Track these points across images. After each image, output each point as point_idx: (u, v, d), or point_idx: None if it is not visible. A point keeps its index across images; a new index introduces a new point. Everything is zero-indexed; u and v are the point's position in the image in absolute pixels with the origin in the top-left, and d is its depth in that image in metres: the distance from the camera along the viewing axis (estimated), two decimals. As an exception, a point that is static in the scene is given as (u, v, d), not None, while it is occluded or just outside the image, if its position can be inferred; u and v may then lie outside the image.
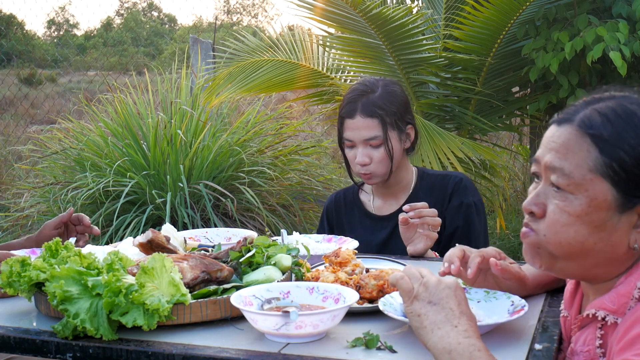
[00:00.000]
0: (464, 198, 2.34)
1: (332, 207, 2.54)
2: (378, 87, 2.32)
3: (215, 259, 1.64)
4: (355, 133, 2.29)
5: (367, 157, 2.28)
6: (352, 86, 2.37)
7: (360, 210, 2.47)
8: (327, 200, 2.60)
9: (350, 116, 2.29)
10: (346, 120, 2.31)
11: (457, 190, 2.35)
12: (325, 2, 4.19)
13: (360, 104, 2.28)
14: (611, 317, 1.25)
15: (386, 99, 2.29)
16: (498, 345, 1.34)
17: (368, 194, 2.50)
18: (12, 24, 21.52)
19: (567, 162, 1.23)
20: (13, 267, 1.50)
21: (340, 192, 2.57)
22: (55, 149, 5.00)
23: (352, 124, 2.29)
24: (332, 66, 4.87)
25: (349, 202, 2.52)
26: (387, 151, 2.28)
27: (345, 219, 2.50)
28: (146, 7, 39.68)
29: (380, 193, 2.45)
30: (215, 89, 4.62)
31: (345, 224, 2.48)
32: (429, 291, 1.27)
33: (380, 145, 2.28)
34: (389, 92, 2.32)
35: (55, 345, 1.39)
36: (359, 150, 2.30)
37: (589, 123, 1.23)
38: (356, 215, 2.48)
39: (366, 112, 2.27)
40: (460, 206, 2.34)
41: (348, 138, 2.31)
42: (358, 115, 2.27)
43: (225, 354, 1.32)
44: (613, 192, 1.21)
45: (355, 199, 2.51)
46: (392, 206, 2.41)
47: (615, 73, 3.86)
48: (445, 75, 4.47)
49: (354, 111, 2.29)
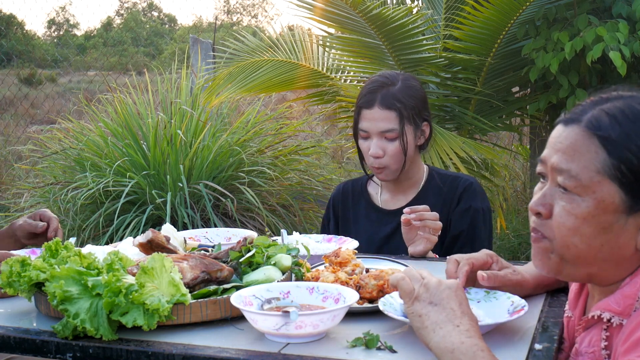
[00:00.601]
0: (472, 202, 2.33)
1: (338, 197, 2.53)
2: (398, 80, 2.31)
3: (215, 259, 1.64)
4: (371, 124, 2.28)
5: (381, 150, 2.27)
6: (372, 77, 2.37)
7: (367, 202, 2.47)
8: (334, 190, 2.59)
9: (369, 106, 2.28)
10: (363, 110, 2.30)
11: (466, 194, 2.34)
12: (325, 2, 4.19)
13: (380, 95, 2.27)
14: (616, 319, 1.24)
15: (405, 93, 2.29)
16: (498, 345, 1.34)
17: (377, 186, 2.49)
18: (12, 24, 21.53)
19: (574, 163, 1.22)
20: (13, 267, 1.50)
21: (349, 183, 2.56)
22: (55, 149, 5.00)
23: (370, 115, 2.28)
24: (332, 66, 4.87)
25: (356, 193, 2.51)
26: (402, 145, 2.27)
27: (351, 209, 2.49)
28: (146, 7, 39.69)
29: (390, 187, 2.44)
30: (215, 89, 4.62)
31: (351, 215, 2.48)
32: (429, 292, 1.27)
33: (395, 138, 2.27)
34: (409, 87, 2.31)
35: (55, 345, 1.39)
36: (373, 141, 2.29)
37: (597, 124, 1.22)
38: (362, 206, 2.47)
39: (385, 104, 2.26)
40: (467, 210, 2.32)
41: (364, 129, 2.30)
42: (376, 106, 2.27)
43: (225, 354, 1.32)
44: (621, 194, 1.20)
45: (363, 191, 2.50)
46: (400, 201, 2.40)
47: (615, 73, 3.86)
48: (445, 75, 4.47)
49: (372, 102, 2.28)
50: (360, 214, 2.46)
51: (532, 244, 1.31)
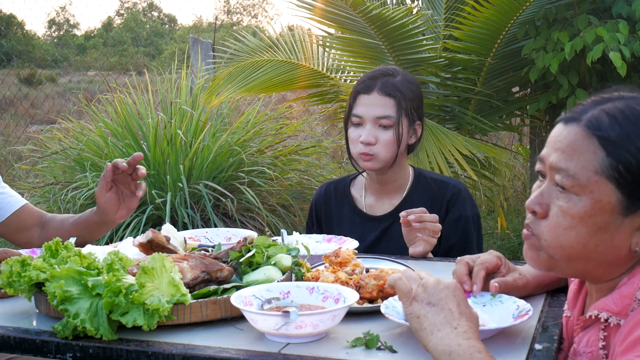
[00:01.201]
0: (462, 211, 2.29)
1: (321, 200, 2.45)
2: (399, 73, 2.30)
3: (215, 259, 1.64)
4: (367, 109, 2.23)
5: (373, 137, 2.22)
6: (372, 69, 2.35)
7: (351, 206, 2.39)
8: (316, 192, 2.50)
9: (367, 92, 2.25)
10: (361, 95, 2.26)
11: (455, 202, 2.29)
12: (325, 2, 4.19)
13: (380, 82, 2.24)
14: (614, 319, 1.24)
15: (405, 86, 2.26)
16: (498, 345, 1.34)
17: (360, 188, 2.41)
18: (12, 24, 21.53)
19: (573, 163, 1.22)
20: (13, 267, 1.50)
21: (331, 184, 2.48)
22: (55, 149, 5.00)
23: (367, 100, 2.24)
24: (332, 66, 4.87)
25: (339, 195, 2.43)
26: (396, 135, 2.23)
27: (334, 213, 2.41)
28: (146, 7, 39.70)
29: (374, 190, 2.37)
30: (215, 89, 4.61)
31: (334, 219, 2.40)
32: (427, 292, 1.26)
33: (390, 126, 2.22)
34: (409, 81, 2.30)
35: (55, 345, 1.39)
36: (366, 128, 2.23)
37: (597, 124, 1.22)
38: (346, 210, 2.39)
39: (384, 91, 2.23)
40: (458, 220, 2.28)
41: (358, 114, 2.25)
42: (376, 91, 2.24)
43: (225, 354, 1.32)
44: (618, 194, 1.20)
45: (346, 193, 2.42)
46: (385, 206, 2.35)
47: (615, 73, 3.86)
48: (445, 76, 4.47)
49: (372, 87, 2.24)
50: (344, 218, 2.39)
51: (524, 239, 1.32)
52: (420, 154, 3.69)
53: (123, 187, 2.09)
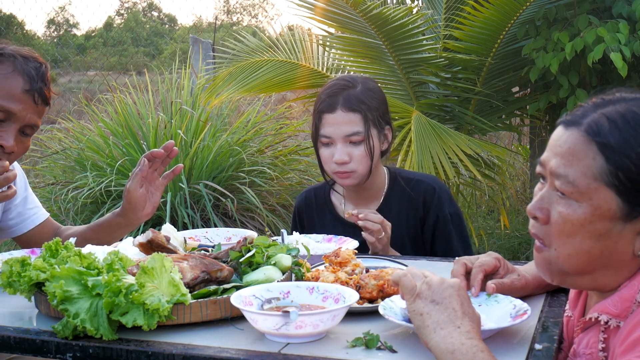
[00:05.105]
0: (439, 211, 2.26)
1: (302, 207, 2.44)
2: (358, 82, 2.24)
3: (215, 259, 1.64)
4: (335, 128, 2.19)
5: (347, 156, 2.19)
6: (330, 82, 2.29)
7: (332, 214, 2.39)
8: (297, 199, 2.49)
9: (331, 110, 2.20)
10: (325, 115, 2.21)
11: (431, 202, 2.26)
12: (325, 2, 4.20)
13: (342, 98, 2.20)
14: (614, 321, 1.24)
15: (368, 95, 2.22)
16: (498, 345, 1.34)
17: (340, 196, 2.40)
18: (12, 24, 21.52)
19: (572, 169, 1.21)
20: (13, 267, 1.50)
21: (311, 191, 2.46)
22: (55, 149, 5.00)
23: (332, 119, 2.19)
24: (332, 66, 4.87)
25: (320, 201, 2.42)
26: (368, 149, 2.19)
27: (317, 220, 2.41)
28: (146, 7, 39.67)
29: (352, 197, 2.36)
30: (216, 89, 4.62)
31: (317, 225, 2.39)
32: (432, 290, 1.26)
33: (361, 142, 2.19)
34: (370, 89, 2.25)
35: (55, 345, 1.39)
36: (337, 147, 2.20)
37: (597, 129, 1.20)
38: (328, 218, 2.39)
39: (348, 107, 2.19)
40: (436, 222, 2.26)
41: (326, 135, 2.21)
42: (339, 109, 2.19)
43: (225, 354, 1.31)
44: (618, 201, 1.19)
45: (326, 200, 2.41)
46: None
47: (615, 73, 3.86)
48: (445, 75, 4.47)
49: (334, 105, 2.19)
50: (326, 225, 2.37)
51: (534, 251, 1.31)
52: (423, 154, 3.68)
53: (147, 183, 2.10)
